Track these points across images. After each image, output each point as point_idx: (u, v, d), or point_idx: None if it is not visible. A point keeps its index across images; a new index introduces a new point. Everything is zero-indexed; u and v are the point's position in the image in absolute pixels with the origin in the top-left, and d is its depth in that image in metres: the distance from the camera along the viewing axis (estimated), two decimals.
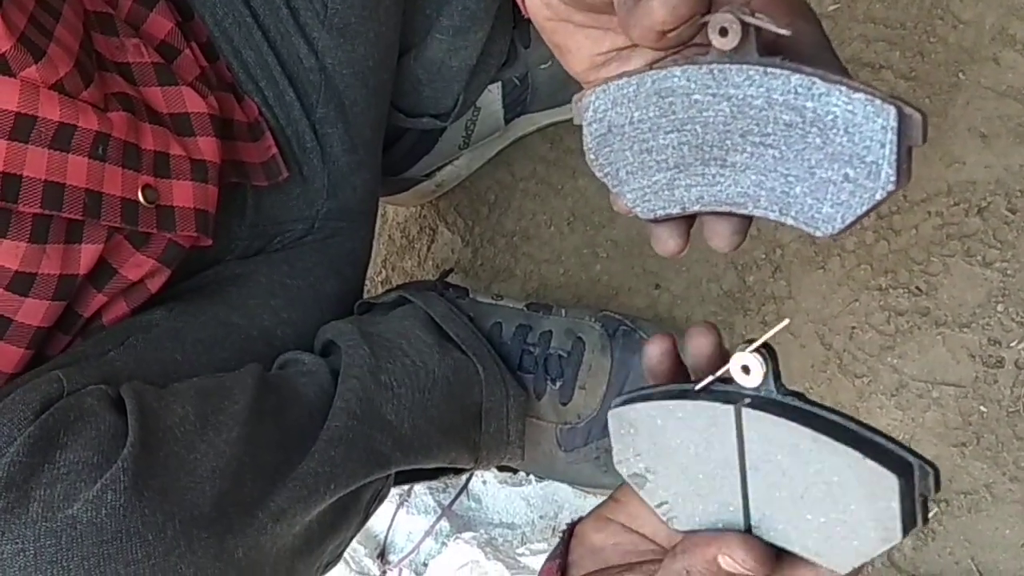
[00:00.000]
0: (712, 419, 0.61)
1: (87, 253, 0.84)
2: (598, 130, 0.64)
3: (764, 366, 0.59)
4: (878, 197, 0.55)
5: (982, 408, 1.06)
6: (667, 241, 0.65)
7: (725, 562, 0.60)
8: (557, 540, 1.17)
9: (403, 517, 1.25)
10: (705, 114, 0.59)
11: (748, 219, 0.63)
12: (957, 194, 1.09)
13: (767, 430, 0.58)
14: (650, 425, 0.63)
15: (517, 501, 1.23)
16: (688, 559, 0.61)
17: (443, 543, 1.23)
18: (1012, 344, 1.07)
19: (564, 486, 1.19)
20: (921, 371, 1.08)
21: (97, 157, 0.82)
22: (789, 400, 0.59)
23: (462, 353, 1.02)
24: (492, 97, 1.23)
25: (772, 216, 0.60)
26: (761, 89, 0.57)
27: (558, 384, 1.10)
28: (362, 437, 0.87)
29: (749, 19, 0.56)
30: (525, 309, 1.14)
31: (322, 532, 0.87)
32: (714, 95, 0.59)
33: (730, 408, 0.60)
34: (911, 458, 0.56)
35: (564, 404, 1.11)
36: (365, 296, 1.11)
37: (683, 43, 0.58)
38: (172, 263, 0.91)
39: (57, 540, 0.71)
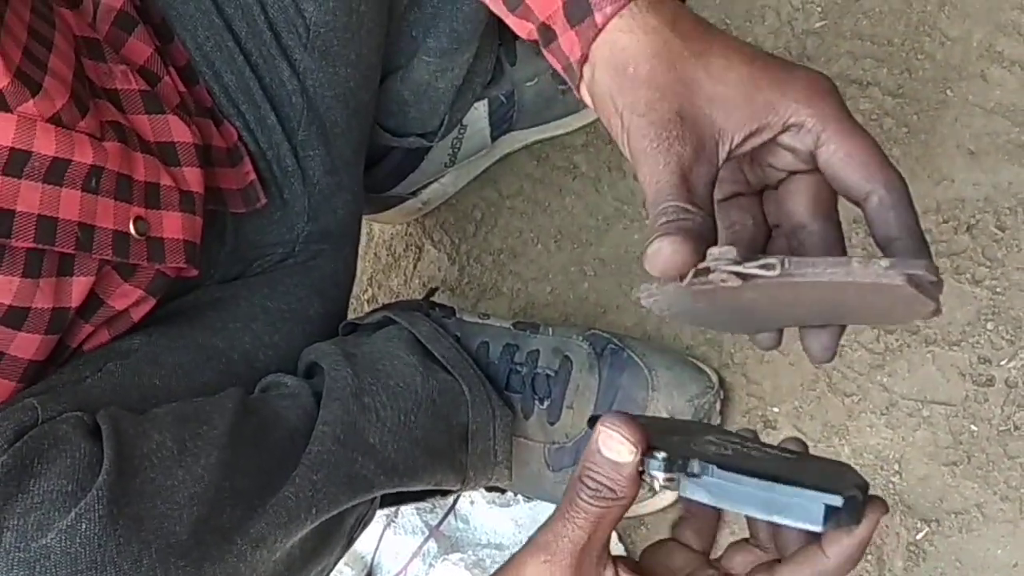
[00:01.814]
0: None
1: (78, 286, 0.84)
2: (664, 307, 0.66)
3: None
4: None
5: (973, 427, 1.05)
6: (764, 342, 0.70)
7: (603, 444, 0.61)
8: None
9: (390, 538, 1.24)
10: (753, 303, 0.63)
11: (842, 329, 0.67)
12: (946, 211, 1.09)
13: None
14: None
15: (505, 522, 1.22)
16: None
17: (431, 564, 1.22)
18: (1002, 362, 1.07)
19: (552, 507, 1.18)
20: (911, 390, 1.08)
21: (90, 190, 0.82)
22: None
23: (447, 373, 1.02)
24: (478, 115, 1.22)
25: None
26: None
27: (546, 403, 1.10)
28: (345, 461, 0.86)
29: (738, 269, 0.59)
30: (512, 328, 1.13)
31: (304, 558, 0.86)
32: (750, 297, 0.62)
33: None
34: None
35: (552, 424, 1.10)
36: (350, 315, 1.11)
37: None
38: (158, 293, 0.91)
39: (30, 570, 0.70)
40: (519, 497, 1.21)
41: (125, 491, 0.73)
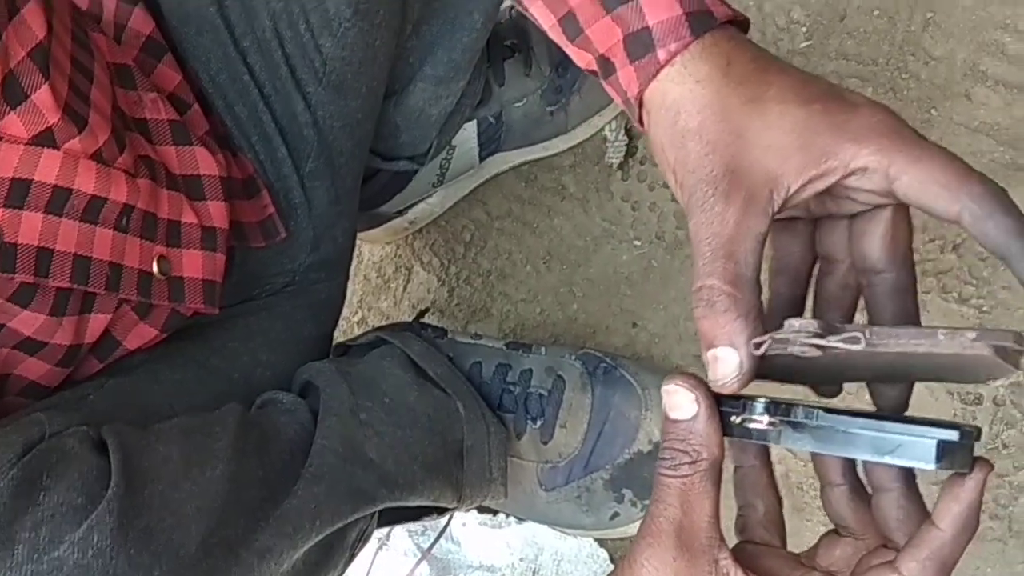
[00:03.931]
0: None
1: (95, 322, 0.84)
2: None
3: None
4: None
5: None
6: (826, 392, 0.70)
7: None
8: None
9: (383, 560, 1.23)
10: (825, 363, 0.61)
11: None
12: (932, 231, 1.10)
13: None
14: None
15: (497, 544, 1.22)
16: None
17: None
18: (989, 381, 1.07)
19: (544, 528, 1.18)
20: None
21: (121, 228, 0.81)
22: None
23: (441, 391, 1.02)
24: (467, 135, 1.23)
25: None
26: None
27: (539, 423, 1.10)
28: (345, 475, 0.86)
29: (820, 343, 0.57)
30: (505, 348, 1.14)
31: (307, 572, 0.85)
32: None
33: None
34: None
35: (545, 443, 1.10)
36: (341, 337, 1.11)
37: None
38: (171, 331, 0.91)
39: None
40: (511, 519, 1.21)
41: (134, 503, 0.72)
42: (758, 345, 0.58)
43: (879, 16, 1.17)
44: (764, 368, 0.61)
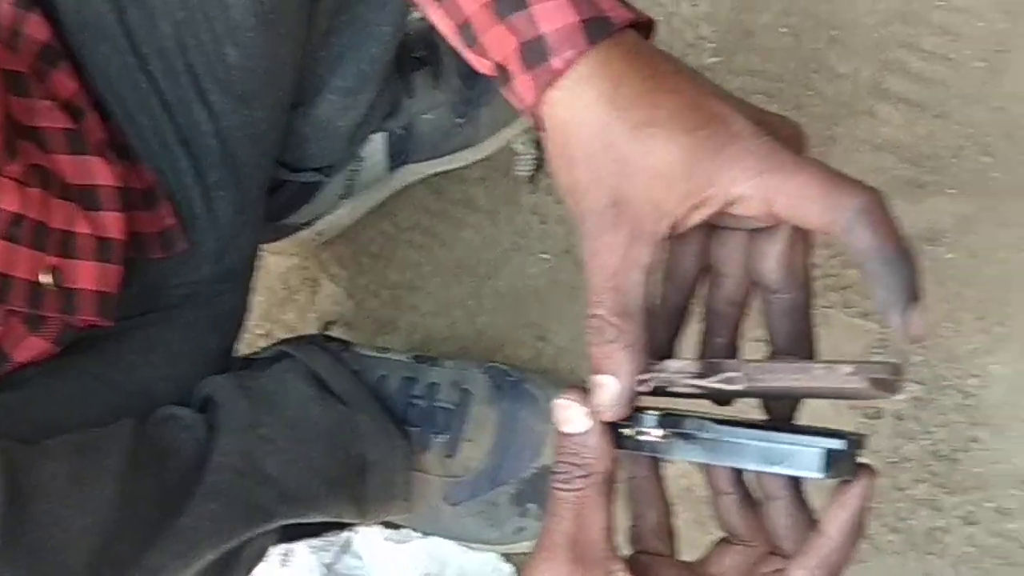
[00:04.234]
0: None
1: None
2: None
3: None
4: None
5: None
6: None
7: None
8: None
9: None
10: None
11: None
12: (835, 246, 1.11)
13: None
14: None
15: (401, 558, 1.20)
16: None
17: None
18: (884, 398, 1.09)
19: (448, 543, 1.18)
20: (804, 423, 1.09)
21: (10, 238, 0.79)
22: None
23: (345, 405, 1.01)
24: (375, 147, 1.21)
25: None
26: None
27: (444, 437, 1.09)
28: (242, 491, 0.85)
29: (700, 383, 0.59)
30: (411, 361, 1.13)
31: None
32: None
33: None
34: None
35: (450, 457, 1.09)
36: (244, 350, 1.09)
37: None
38: (64, 344, 0.88)
39: None
40: (415, 534, 1.19)
41: (20, 520, 0.71)
42: (642, 382, 0.59)
43: (786, 33, 1.18)
44: (659, 391, 0.61)
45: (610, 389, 0.59)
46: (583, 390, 0.61)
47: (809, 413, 0.94)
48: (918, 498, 1.07)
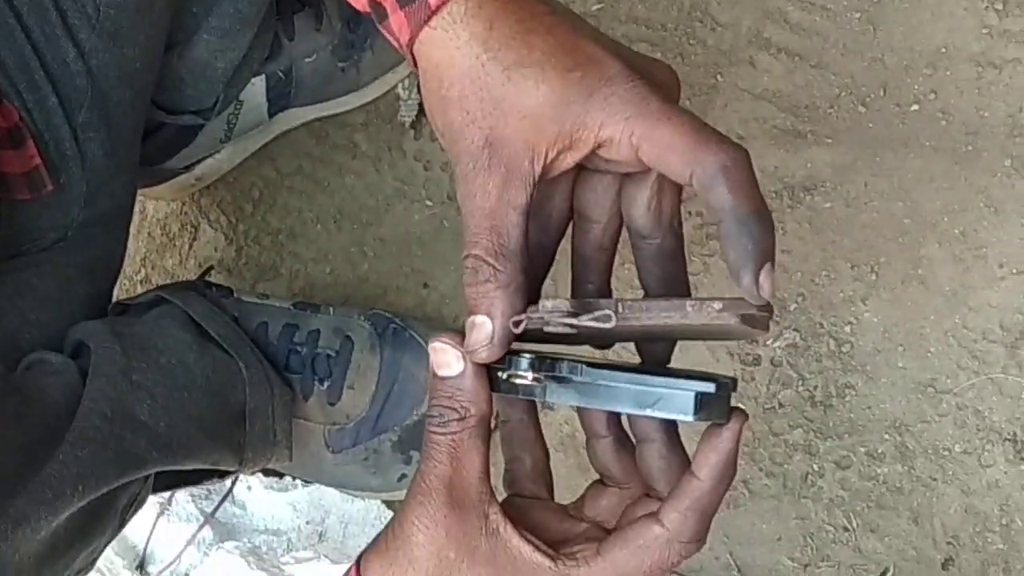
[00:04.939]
0: None
1: None
2: None
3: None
4: None
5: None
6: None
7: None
8: (323, 546, 1.17)
9: (164, 526, 1.20)
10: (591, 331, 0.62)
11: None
12: None
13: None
14: None
15: (283, 507, 1.20)
16: None
17: (205, 552, 1.19)
18: (768, 342, 1.11)
19: (331, 491, 1.17)
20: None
21: None
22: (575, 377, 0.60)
23: (223, 352, 0.99)
24: (255, 90, 1.19)
25: None
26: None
27: (326, 384, 1.08)
28: (113, 438, 0.83)
29: (572, 322, 0.58)
30: (292, 308, 1.12)
31: (70, 538, 0.82)
32: None
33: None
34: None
35: (332, 404, 1.09)
36: (122, 296, 1.07)
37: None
38: None
39: None
40: (297, 481, 1.19)
41: None
42: (517, 323, 0.59)
43: None
44: (533, 335, 0.62)
45: (485, 329, 0.59)
46: (459, 333, 0.61)
47: (688, 362, 0.96)
48: (793, 443, 1.09)
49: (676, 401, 0.58)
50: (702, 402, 0.58)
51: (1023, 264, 1.07)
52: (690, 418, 0.58)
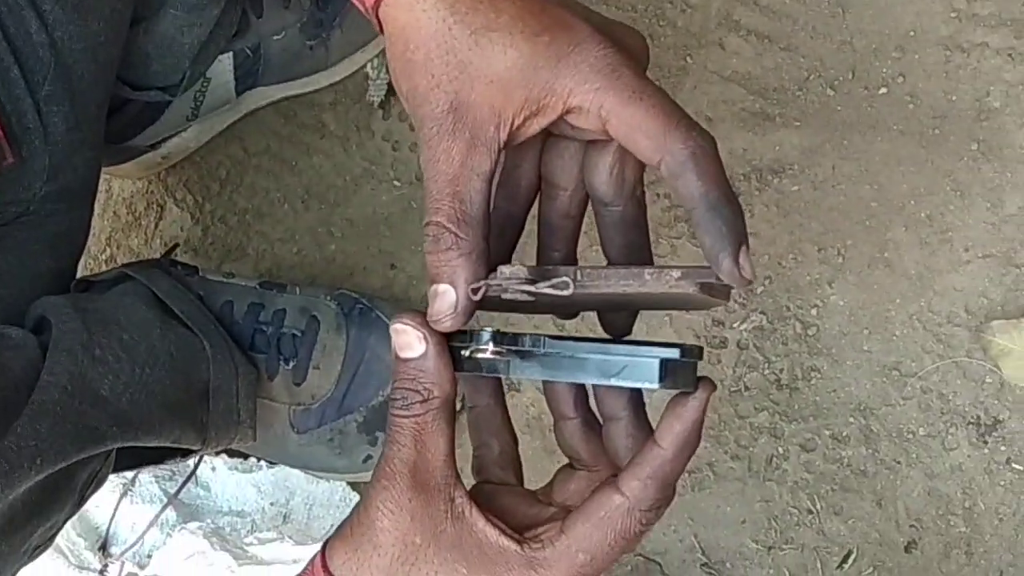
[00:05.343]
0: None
1: None
2: None
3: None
4: None
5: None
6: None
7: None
8: (287, 528, 1.16)
9: (127, 507, 1.19)
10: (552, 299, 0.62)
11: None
12: None
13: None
14: None
15: (247, 488, 1.19)
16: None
17: (168, 534, 1.18)
18: (735, 325, 1.11)
19: (296, 472, 1.17)
20: None
21: None
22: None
23: (187, 329, 0.98)
24: (222, 68, 1.18)
25: None
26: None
27: (291, 364, 1.08)
28: (72, 412, 0.82)
29: (530, 289, 0.58)
30: (258, 287, 1.11)
31: (28, 513, 0.81)
32: None
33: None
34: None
35: (298, 384, 1.08)
36: (85, 273, 1.06)
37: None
38: None
39: None
40: (262, 462, 1.18)
41: None
42: (476, 291, 0.59)
43: None
44: (496, 303, 0.61)
45: (448, 298, 0.59)
46: (420, 313, 0.60)
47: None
48: (758, 426, 1.10)
49: (641, 369, 0.57)
50: (667, 369, 0.57)
51: (988, 248, 1.07)
52: (655, 386, 0.57)
